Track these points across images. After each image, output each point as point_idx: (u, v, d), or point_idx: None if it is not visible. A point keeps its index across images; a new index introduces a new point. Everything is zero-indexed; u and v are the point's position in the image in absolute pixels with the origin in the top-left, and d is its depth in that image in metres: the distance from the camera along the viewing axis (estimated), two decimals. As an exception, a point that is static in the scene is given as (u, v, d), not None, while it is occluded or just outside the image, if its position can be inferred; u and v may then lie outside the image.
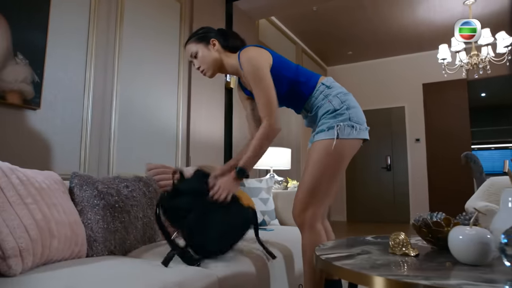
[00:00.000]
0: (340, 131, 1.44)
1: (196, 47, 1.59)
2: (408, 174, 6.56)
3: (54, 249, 1.16)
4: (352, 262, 0.95)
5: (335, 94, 1.51)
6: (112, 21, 2.58)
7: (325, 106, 1.50)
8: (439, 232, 1.10)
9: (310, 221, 1.47)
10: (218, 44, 1.60)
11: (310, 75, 1.58)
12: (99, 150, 2.45)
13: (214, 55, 1.59)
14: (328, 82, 1.55)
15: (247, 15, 4.29)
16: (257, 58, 1.48)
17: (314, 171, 1.46)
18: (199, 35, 1.62)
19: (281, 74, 1.53)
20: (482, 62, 4.66)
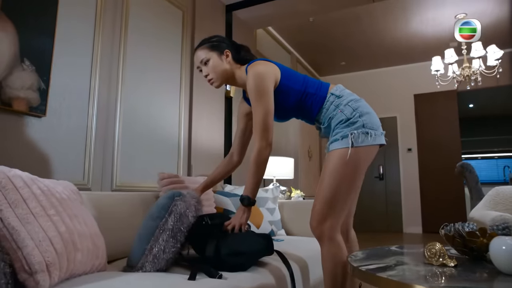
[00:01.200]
0: (354, 139, 1.40)
1: (208, 55, 1.56)
2: (401, 183, 6.63)
3: (78, 262, 1.11)
4: (396, 273, 0.93)
5: (346, 103, 1.47)
6: (117, 28, 2.55)
7: (338, 117, 1.46)
8: (473, 242, 1.10)
9: (329, 233, 1.42)
10: (230, 56, 1.58)
11: (319, 85, 1.55)
12: (103, 159, 2.39)
13: (226, 66, 1.57)
14: (338, 91, 1.52)
15: (246, 25, 4.31)
16: (262, 75, 1.46)
17: (331, 181, 1.43)
18: (213, 42, 1.59)
19: (290, 87, 1.51)
20: (473, 74, 4.78)
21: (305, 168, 5.97)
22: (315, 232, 1.46)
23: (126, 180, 2.53)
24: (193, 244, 1.49)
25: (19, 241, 0.96)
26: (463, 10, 4.82)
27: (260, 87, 1.43)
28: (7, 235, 0.96)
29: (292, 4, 3.94)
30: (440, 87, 5.17)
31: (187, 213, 1.37)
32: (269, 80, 1.46)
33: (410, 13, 4.95)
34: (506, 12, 4.86)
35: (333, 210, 1.43)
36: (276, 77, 1.49)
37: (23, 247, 0.96)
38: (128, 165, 2.55)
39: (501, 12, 4.88)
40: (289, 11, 4.16)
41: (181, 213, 1.35)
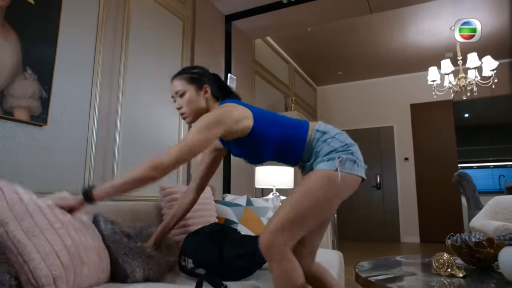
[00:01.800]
0: (341, 163, 1.28)
1: (185, 87, 1.45)
2: (398, 192, 6.64)
3: (84, 276, 1.10)
4: (406, 284, 0.93)
5: (333, 136, 1.37)
6: (118, 37, 2.56)
7: (325, 149, 1.34)
8: (480, 252, 1.10)
9: (280, 248, 1.21)
10: (209, 92, 1.47)
11: (298, 126, 1.41)
12: (103, 168, 2.37)
13: (202, 103, 1.44)
14: (322, 127, 1.41)
15: (245, 35, 4.34)
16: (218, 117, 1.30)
17: (302, 200, 1.26)
18: (193, 74, 1.48)
19: (266, 133, 1.36)
20: (469, 84, 4.83)
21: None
22: (264, 243, 1.23)
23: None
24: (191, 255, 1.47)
25: (25, 255, 0.95)
26: (458, 22, 4.89)
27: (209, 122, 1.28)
28: (13, 248, 0.95)
29: (290, 15, 3.98)
30: (436, 97, 5.22)
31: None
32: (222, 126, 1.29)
33: (406, 24, 5.02)
34: (500, 23, 4.94)
35: (292, 227, 1.24)
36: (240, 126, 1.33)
37: (29, 260, 0.95)
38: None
39: (495, 23, 4.96)
40: (288, 21, 4.20)
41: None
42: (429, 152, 6.52)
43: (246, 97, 4.34)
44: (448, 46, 5.52)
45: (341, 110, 7.21)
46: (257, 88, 4.79)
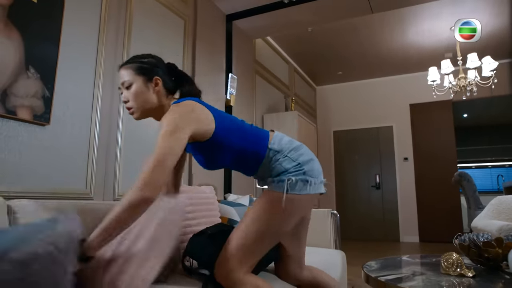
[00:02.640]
0: (290, 186, 1.24)
1: (132, 78, 1.28)
2: (397, 192, 6.65)
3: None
4: (416, 284, 0.93)
5: (285, 156, 1.30)
6: (120, 36, 2.55)
7: (277, 169, 1.29)
8: (488, 252, 1.10)
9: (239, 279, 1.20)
10: (161, 85, 1.31)
11: (256, 139, 1.34)
12: (105, 168, 2.36)
13: (151, 97, 1.29)
14: (276, 144, 1.32)
15: (245, 34, 4.34)
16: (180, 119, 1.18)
17: (250, 225, 1.26)
18: (143, 64, 1.31)
19: (227, 141, 1.28)
20: (469, 84, 4.84)
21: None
22: (222, 281, 1.21)
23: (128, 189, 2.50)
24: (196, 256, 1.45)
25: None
26: (458, 22, 4.90)
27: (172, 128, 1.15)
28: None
29: (291, 15, 3.98)
30: (436, 97, 5.23)
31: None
32: (187, 127, 1.17)
33: (406, 25, 5.02)
34: (500, 24, 4.96)
35: (245, 253, 1.24)
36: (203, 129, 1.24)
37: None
38: (130, 174, 2.52)
39: (496, 24, 4.97)
40: (288, 21, 4.20)
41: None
42: (429, 152, 6.53)
43: (247, 97, 4.33)
44: (448, 46, 5.53)
45: (340, 110, 7.22)
46: (258, 88, 4.79)
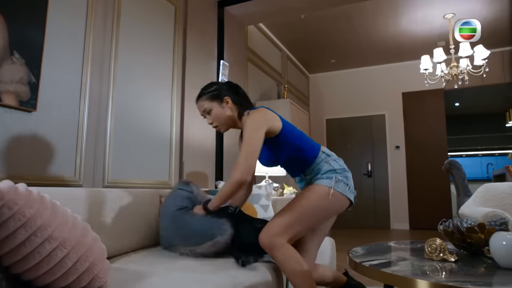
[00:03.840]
0: (336, 183, 1.51)
1: (209, 105, 1.64)
2: (388, 180, 6.72)
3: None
4: (399, 268, 0.94)
5: (334, 159, 1.62)
6: (108, 23, 2.50)
7: (325, 167, 1.57)
8: (471, 237, 1.12)
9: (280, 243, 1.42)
10: (231, 101, 1.65)
11: (312, 144, 1.64)
12: (95, 155, 2.34)
13: (228, 113, 1.64)
14: (327, 151, 1.65)
15: (237, 21, 4.28)
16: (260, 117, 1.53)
17: (300, 207, 1.49)
18: (213, 92, 1.65)
19: (289, 141, 1.58)
20: (461, 73, 4.86)
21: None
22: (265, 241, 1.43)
23: (118, 176, 2.50)
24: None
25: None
26: (451, 10, 4.89)
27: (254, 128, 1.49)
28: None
29: (283, 1, 3.93)
30: (428, 85, 5.25)
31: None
32: (264, 123, 1.52)
33: (400, 12, 5.00)
34: (493, 12, 4.95)
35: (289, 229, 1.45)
36: (274, 126, 1.55)
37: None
38: (120, 161, 2.51)
39: (488, 13, 4.97)
40: (281, 8, 4.15)
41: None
42: (420, 140, 6.59)
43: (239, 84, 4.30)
44: (441, 34, 5.53)
45: (333, 98, 7.22)
46: (250, 76, 4.76)
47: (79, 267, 0.93)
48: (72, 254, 0.92)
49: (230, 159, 3.91)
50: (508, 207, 2.24)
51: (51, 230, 0.89)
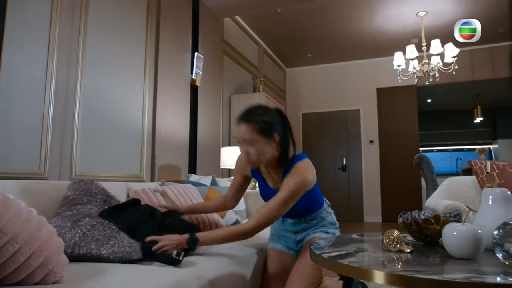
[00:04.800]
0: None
1: (255, 137, 1.37)
2: (362, 174, 6.85)
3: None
4: (355, 259, 0.97)
5: (330, 212, 1.70)
6: (76, 11, 2.42)
7: (328, 219, 1.64)
8: (427, 229, 1.16)
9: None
10: (278, 141, 1.42)
11: (320, 195, 1.63)
12: (61, 148, 2.28)
13: (271, 153, 1.41)
14: (328, 202, 1.72)
15: (213, 13, 4.24)
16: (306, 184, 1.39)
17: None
18: (264, 124, 1.38)
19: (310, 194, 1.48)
20: (432, 70, 4.99)
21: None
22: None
23: (86, 169, 2.44)
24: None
25: None
26: (424, 8, 5.00)
27: (296, 192, 1.36)
28: None
29: (260, -6, 3.92)
30: (401, 81, 5.37)
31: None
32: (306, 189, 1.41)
33: (374, 9, 5.07)
34: (462, 11, 5.09)
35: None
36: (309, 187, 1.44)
37: None
38: (88, 153, 2.45)
39: (458, 12, 5.11)
40: (257, 1, 4.13)
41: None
42: (393, 135, 6.74)
43: (214, 77, 4.27)
44: (414, 32, 5.65)
45: (309, 92, 7.27)
46: (225, 68, 4.73)
47: (32, 262, 0.91)
48: (25, 249, 0.90)
49: (204, 151, 3.89)
50: (470, 200, 2.32)
51: (2, 224, 0.86)
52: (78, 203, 1.69)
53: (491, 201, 1.17)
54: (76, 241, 1.29)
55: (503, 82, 6.61)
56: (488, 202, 1.17)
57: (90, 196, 1.78)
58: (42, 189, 1.67)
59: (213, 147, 4.09)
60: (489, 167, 2.09)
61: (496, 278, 0.84)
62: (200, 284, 1.20)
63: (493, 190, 1.17)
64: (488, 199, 1.18)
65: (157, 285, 1.06)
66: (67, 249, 1.27)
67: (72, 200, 1.69)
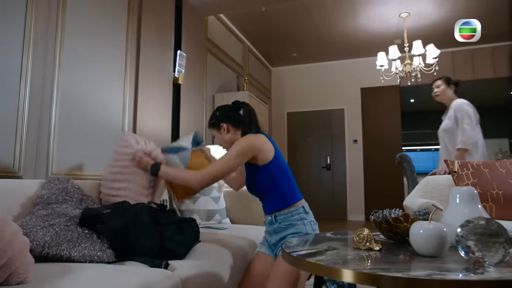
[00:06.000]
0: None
1: (212, 132, 1.81)
2: (346, 173, 6.92)
3: None
4: (324, 258, 0.97)
5: (310, 221, 1.64)
6: (53, 2, 2.37)
7: (299, 227, 1.59)
8: (397, 227, 1.17)
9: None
10: (226, 127, 1.74)
11: (295, 190, 1.68)
12: (37, 146, 2.23)
13: (226, 138, 1.74)
14: (307, 208, 1.69)
15: (196, 11, 4.21)
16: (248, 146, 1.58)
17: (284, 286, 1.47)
18: (211, 121, 1.80)
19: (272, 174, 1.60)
20: (414, 71, 5.07)
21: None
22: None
23: (64, 168, 2.39)
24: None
25: None
26: (406, 9, 5.07)
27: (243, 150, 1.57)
28: None
29: (244, -8, 3.91)
30: (384, 81, 5.43)
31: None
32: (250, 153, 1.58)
33: (358, 9, 5.12)
34: (444, 13, 5.18)
35: None
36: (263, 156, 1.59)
37: None
38: (65, 151, 2.41)
39: (439, 14, 5.20)
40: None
41: None
42: (376, 134, 6.82)
43: (198, 76, 4.25)
44: (397, 32, 5.72)
45: (294, 91, 7.30)
46: (209, 67, 4.71)
47: (-6, 263, 0.89)
48: (-14, 249, 0.88)
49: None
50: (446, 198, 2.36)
51: None
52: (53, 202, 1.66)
53: (458, 199, 1.19)
54: (47, 240, 1.27)
55: (483, 83, 6.75)
56: (455, 200, 1.20)
57: (66, 195, 1.76)
58: (15, 188, 1.64)
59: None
60: (456, 166, 2.13)
61: (456, 274, 0.86)
62: (171, 283, 1.19)
63: (460, 189, 1.20)
64: (455, 197, 1.20)
65: (126, 285, 1.04)
66: (37, 248, 1.25)
67: (47, 199, 1.66)
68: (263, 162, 1.59)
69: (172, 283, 1.19)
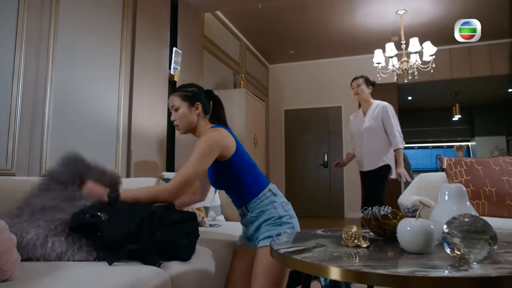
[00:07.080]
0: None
1: (179, 103, 1.61)
2: (343, 170, 6.91)
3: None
4: (310, 255, 0.97)
5: (280, 203, 1.56)
6: (46, 3, 2.36)
7: (270, 212, 1.52)
8: (386, 224, 1.18)
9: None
10: (201, 109, 1.62)
11: (261, 179, 1.60)
12: (30, 143, 2.23)
13: (193, 118, 1.62)
14: (274, 189, 1.60)
15: (193, 8, 4.20)
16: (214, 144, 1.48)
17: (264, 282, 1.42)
18: (188, 93, 1.63)
19: (236, 168, 1.54)
20: (411, 68, 5.07)
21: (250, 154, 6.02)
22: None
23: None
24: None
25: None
26: (403, 7, 5.06)
27: (207, 150, 1.46)
28: None
29: (240, -11, 3.90)
30: (381, 79, 5.42)
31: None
32: (217, 151, 1.49)
33: (355, 6, 5.11)
34: (441, 10, 5.18)
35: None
36: (226, 151, 1.52)
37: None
38: (59, 149, 2.39)
39: (436, 11, 5.19)
40: (238, -5, 4.11)
41: None
42: (374, 132, 6.81)
43: (194, 73, 4.24)
44: (394, 30, 5.71)
45: (292, 89, 7.29)
46: (205, 64, 4.70)
47: (-22, 260, 0.89)
48: (-29, 246, 0.88)
49: (182, 147, 3.86)
50: (439, 196, 2.37)
51: None
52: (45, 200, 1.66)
53: (447, 196, 1.20)
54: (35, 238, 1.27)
55: (481, 81, 6.76)
56: (444, 197, 1.20)
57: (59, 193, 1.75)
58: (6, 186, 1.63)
59: (191, 142, 4.06)
60: (445, 163, 2.13)
61: (441, 271, 0.86)
62: (161, 280, 1.19)
63: (449, 185, 1.20)
64: (444, 194, 1.20)
65: (115, 283, 1.04)
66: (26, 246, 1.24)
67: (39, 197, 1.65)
68: (226, 157, 1.52)
69: (162, 280, 1.19)
